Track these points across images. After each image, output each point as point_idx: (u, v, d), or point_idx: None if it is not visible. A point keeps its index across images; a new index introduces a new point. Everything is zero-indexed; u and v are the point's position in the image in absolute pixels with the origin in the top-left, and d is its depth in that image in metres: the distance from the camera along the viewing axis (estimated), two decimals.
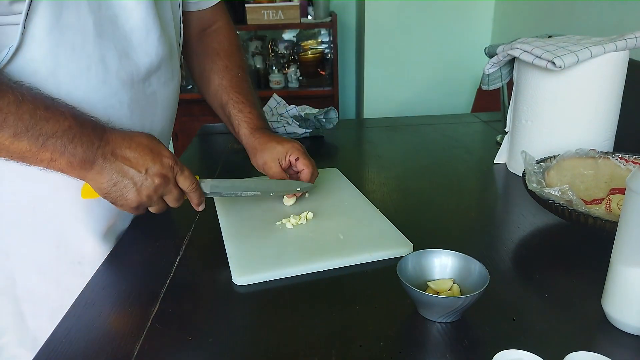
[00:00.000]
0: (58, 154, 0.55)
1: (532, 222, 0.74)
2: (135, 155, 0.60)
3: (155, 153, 0.61)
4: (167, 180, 0.62)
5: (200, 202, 0.68)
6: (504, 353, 0.43)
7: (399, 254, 0.63)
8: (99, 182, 0.59)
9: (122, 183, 0.60)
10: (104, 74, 0.64)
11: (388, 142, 1.16)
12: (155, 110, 0.74)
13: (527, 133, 0.88)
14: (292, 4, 2.28)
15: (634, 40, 0.78)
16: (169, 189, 0.63)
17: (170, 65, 0.76)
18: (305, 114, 1.15)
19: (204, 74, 0.87)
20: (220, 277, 0.62)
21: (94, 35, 0.62)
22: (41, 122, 0.54)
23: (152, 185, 0.61)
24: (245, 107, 0.83)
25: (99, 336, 0.52)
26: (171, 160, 0.62)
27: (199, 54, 0.88)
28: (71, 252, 0.70)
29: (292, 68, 2.45)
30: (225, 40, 0.89)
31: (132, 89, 0.68)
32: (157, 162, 0.61)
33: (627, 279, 0.48)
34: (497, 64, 0.95)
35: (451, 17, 2.20)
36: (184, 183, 0.64)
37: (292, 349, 0.49)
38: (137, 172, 0.60)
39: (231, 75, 0.85)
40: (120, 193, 0.60)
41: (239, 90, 0.85)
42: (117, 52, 0.65)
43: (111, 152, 0.59)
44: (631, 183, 0.46)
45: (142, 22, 0.67)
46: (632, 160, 0.76)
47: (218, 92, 0.85)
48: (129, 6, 0.65)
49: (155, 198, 0.62)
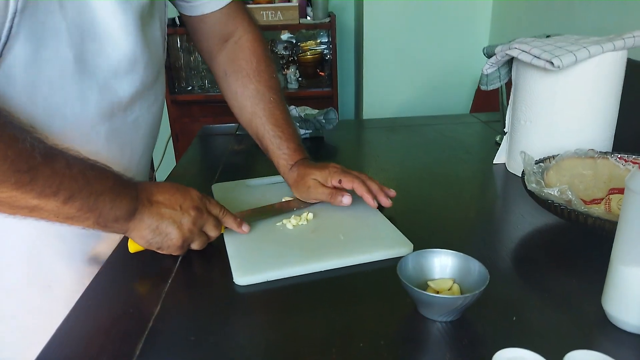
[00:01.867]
0: (107, 210, 0.57)
1: (532, 222, 0.74)
2: (167, 197, 0.63)
3: (182, 191, 0.64)
4: (200, 211, 0.64)
5: (239, 224, 0.69)
6: (504, 352, 0.44)
7: (399, 254, 0.64)
8: (141, 231, 0.61)
9: (163, 224, 0.61)
10: (81, 108, 0.61)
11: (387, 143, 1.16)
12: (137, 137, 0.72)
13: (526, 133, 0.89)
14: (290, 4, 2.28)
15: (632, 39, 0.78)
16: (205, 219, 0.65)
17: (155, 87, 0.73)
18: (305, 114, 1.15)
19: (237, 97, 0.83)
20: (221, 277, 0.62)
21: (73, 70, 0.59)
22: (92, 182, 0.55)
23: (190, 218, 0.63)
24: (283, 143, 0.80)
25: (100, 336, 0.52)
26: (198, 193, 0.66)
27: (229, 74, 0.83)
28: (42, 275, 0.68)
29: (291, 69, 2.45)
30: (253, 57, 0.83)
31: (111, 119, 0.66)
32: (187, 198, 0.64)
33: (626, 278, 0.48)
34: (495, 64, 0.95)
35: (449, 17, 2.21)
36: (215, 210, 0.67)
37: (292, 348, 0.50)
38: (173, 210, 0.62)
39: (264, 102, 0.81)
40: (164, 235, 0.62)
41: (274, 122, 0.81)
42: (98, 85, 0.62)
43: (147, 198, 0.61)
44: (630, 183, 0.46)
45: (130, 53, 0.64)
46: (631, 160, 0.76)
47: (253, 122, 0.82)
48: (114, 36, 0.62)
49: (196, 231, 0.64)
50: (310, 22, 2.37)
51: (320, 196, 0.76)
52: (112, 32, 0.62)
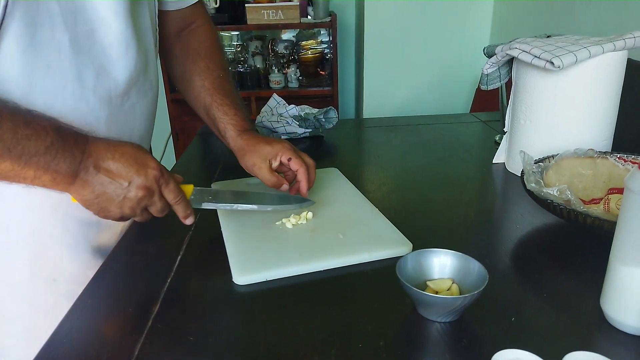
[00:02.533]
0: (42, 172, 0.54)
1: (531, 222, 0.74)
2: (119, 167, 0.57)
3: (140, 164, 0.59)
4: (151, 192, 0.60)
5: (187, 215, 0.65)
6: (503, 352, 0.44)
7: (399, 254, 0.63)
8: (82, 194, 0.58)
9: (105, 196, 0.58)
10: (81, 92, 0.62)
11: (387, 142, 1.16)
12: (134, 123, 0.73)
13: (526, 133, 0.89)
14: (291, 4, 2.28)
15: (633, 40, 0.78)
16: (152, 201, 0.61)
17: (148, 74, 0.74)
18: (305, 113, 1.15)
19: (185, 75, 0.85)
20: (221, 276, 0.62)
21: (70, 53, 0.60)
22: (23, 141, 0.51)
23: (135, 198, 0.59)
24: (230, 110, 0.81)
25: (99, 336, 0.52)
26: (157, 172, 0.60)
27: (179, 55, 0.85)
28: (46, 269, 0.68)
29: (291, 68, 2.45)
30: (206, 40, 0.86)
31: (110, 105, 0.67)
32: (142, 174, 0.58)
33: (625, 279, 0.48)
34: (495, 64, 0.95)
35: (450, 17, 2.21)
36: (169, 196, 0.62)
37: (292, 348, 0.50)
38: (119, 184, 0.58)
39: (213, 76, 0.83)
40: (103, 205, 0.58)
41: (222, 92, 0.82)
42: (95, 68, 0.63)
43: (94, 164, 0.57)
44: (629, 183, 0.46)
45: (121, 35, 0.65)
46: (630, 160, 0.76)
47: (201, 94, 0.82)
48: (106, 20, 0.63)
49: (138, 210, 0.60)
50: (311, 21, 2.37)
51: (262, 179, 0.77)
52: (104, 16, 0.63)
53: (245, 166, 0.79)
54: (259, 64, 2.50)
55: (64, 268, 0.69)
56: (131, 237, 0.74)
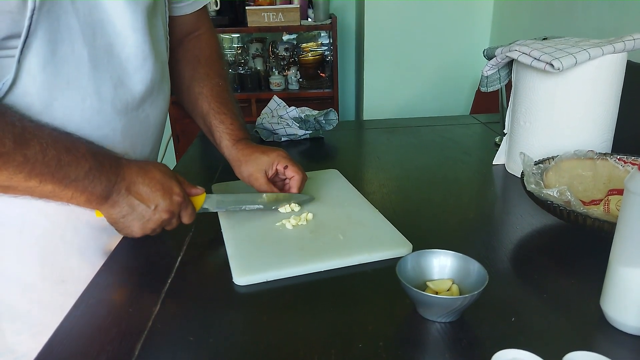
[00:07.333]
0: (79, 193, 0.58)
1: (531, 223, 0.74)
2: (147, 191, 0.63)
3: (166, 190, 0.64)
4: (172, 215, 0.65)
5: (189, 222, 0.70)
6: (503, 353, 0.44)
7: (399, 255, 0.64)
8: (110, 213, 0.63)
9: (132, 216, 0.63)
10: (99, 105, 0.64)
11: (387, 144, 1.16)
12: (148, 132, 0.74)
13: (526, 134, 0.89)
14: (292, 6, 2.28)
15: (632, 42, 0.78)
16: (171, 222, 0.66)
17: (163, 85, 0.75)
18: (305, 115, 1.15)
19: (184, 81, 0.85)
20: (221, 277, 0.62)
21: (89, 67, 0.61)
22: (65, 167, 0.56)
23: (159, 219, 0.64)
24: (227, 119, 0.82)
25: (100, 336, 0.52)
26: (180, 198, 0.65)
27: (179, 61, 0.86)
28: (56, 271, 0.69)
29: (292, 70, 2.45)
30: (207, 48, 0.87)
31: (126, 116, 0.68)
32: (167, 199, 0.64)
33: (625, 279, 0.48)
34: (495, 66, 0.96)
35: (450, 19, 2.21)
36: (185, 218, 0.68)
37: (292, 348, 0.50)
38: (147, 207, 0.63)
39: (212, 84, 0.84)
40: (128, 224, 0.63)
41: (220, 101, 0.83)
42: (112, 81, 0.65)
43: (126, 187, 0.62)
44: (629, 184, 0.46)
45: (138, 50, 0.67)
46: (630, 162, 0.76)
47: (198, 101, 0.83)
48: (124, 34, 0.64)
49: (158, 230, 0.66)
50: (311, 23, 2.37)
51: (259, 189, 0.79)
52: (121, 30, 0.64)
53: (242, 176, 0.80)
54: (260, 66, 2.51)
55: (73, 270, 0.70)
56: (132, 238, 0.74)
